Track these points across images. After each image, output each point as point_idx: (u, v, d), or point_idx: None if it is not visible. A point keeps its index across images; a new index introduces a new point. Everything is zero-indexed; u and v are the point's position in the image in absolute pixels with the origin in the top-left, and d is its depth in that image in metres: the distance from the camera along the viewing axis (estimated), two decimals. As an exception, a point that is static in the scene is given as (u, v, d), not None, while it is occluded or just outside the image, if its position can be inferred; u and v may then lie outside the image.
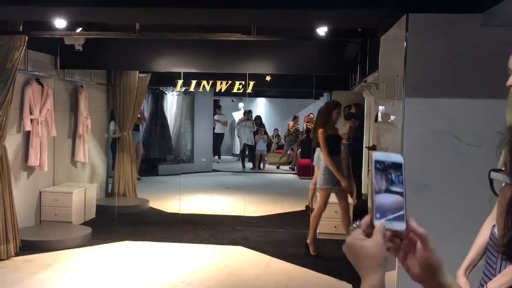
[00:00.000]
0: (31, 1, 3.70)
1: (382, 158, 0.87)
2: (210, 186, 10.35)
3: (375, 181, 0.87)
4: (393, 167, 0.87)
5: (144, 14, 4.06)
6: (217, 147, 13.62)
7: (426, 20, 3.07)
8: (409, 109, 3.10)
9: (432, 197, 3.06)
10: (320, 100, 13.32)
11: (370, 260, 0.84)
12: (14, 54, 5.29)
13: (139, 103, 8.67)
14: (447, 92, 3.05)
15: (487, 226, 1.83)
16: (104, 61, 7.23)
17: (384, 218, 0.86)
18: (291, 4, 3.47)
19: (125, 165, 8.39)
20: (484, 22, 2.96)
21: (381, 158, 0.87)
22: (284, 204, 8.58)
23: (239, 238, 6.42)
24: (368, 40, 5.31)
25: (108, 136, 8.81)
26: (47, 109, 6.33)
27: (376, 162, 0.87)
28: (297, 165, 12.30)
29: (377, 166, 0.87)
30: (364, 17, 3.79)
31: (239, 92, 7.84)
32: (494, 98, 2.94)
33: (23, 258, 5.36)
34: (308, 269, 5.24)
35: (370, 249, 0.84)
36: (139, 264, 5.35)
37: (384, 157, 0.88)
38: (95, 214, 7.31)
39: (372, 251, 0.84)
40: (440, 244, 3.03)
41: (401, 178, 0.88)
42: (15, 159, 5.92)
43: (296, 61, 6.81)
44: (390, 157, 0.88)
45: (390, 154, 0.89)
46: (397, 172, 0.88)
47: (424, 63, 3.09)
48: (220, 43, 6.33)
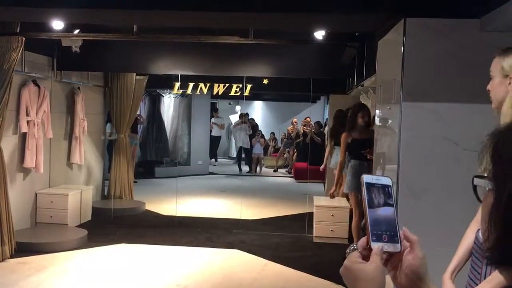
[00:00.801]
0: (29, 3, 3.69)
1: (373, 181, 0.92)
2: (207, 189, 10.34)
3: (367, 203, 0.90)
4: (383, 188, 0.92)
5: (141, 16, 4.06)
6: (214, 150, 13.62)
7: (423, 24, 3.08)
8: (406, 113, 3.10)
9: (429, 201, 3.06)
10: (317, 103, 13.35)
11: (370, 283, 0.85)
12: (11, 55, 5.28)
13: (136, 105, 8.65)
14: (444, 96, 3.06)
15: (471, 230, 1.84)
16: (101, 63, 7.22)
17: (381, 242, 0.88)
18: (289, 8, 3.47)
19: (122, 167, 8.37)
20: (481, 27, 2.97)
21: (371, 181, 0.92)
22: (280, 207, 8.57)
23: (236, 241, 6.40)
24: (366, 44, 5.32)
25: (104, 138, 8.79)
26: (44, 111, 6.31)
27: (366, 184, 0.91)
28: (293, 169, 12.30)
29: (368, 188, 0.91)
30: (362, 21, 3.80)
31: (237, 95, 7.83)
32: (491, 103, 2.95)
33: (18, 260, 5.33)
34: (305, 273, 5.23)
35: (369, 273, 0.85)
36: (135, 267, 5.33)
37: (375, 179, 0.92)
38: (91, 216, 7.28)
39: (372, 274, 0.85)
40: (436, 248, 3.04)
41: (391, 199, 0.92)
42: (11, 161, 5.90)
43: (293, 64, 6.81)
44: (380, 180, 0.93)
45: (380, 177, 0.93)
46: (387, 193, 0.92)
47: (422, 67, 3.10)
48: (217, 46, 6.33)
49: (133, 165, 9.16)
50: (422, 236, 3.02)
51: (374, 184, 0.92)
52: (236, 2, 3.53)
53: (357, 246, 0.90)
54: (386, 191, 0.92)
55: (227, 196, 9.30)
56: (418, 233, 2.69)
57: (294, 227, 7.04)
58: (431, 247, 3.07)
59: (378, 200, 0.91)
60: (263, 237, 6.65)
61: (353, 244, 0.91)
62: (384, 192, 0.92)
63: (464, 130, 3.03)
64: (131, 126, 8.74)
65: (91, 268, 5.26)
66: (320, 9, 3.49)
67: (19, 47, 5.32)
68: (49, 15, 4.27)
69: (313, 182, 9.88)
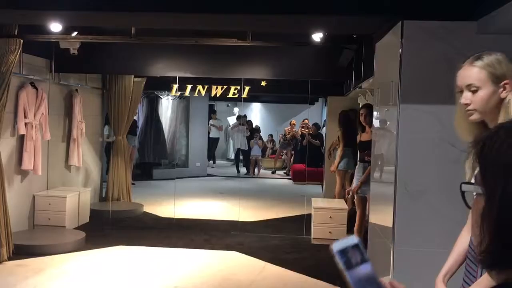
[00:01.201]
0: (27, 5, 3.69)
1: (342, 246, 0.95)
2: (205, 191, 10.34)
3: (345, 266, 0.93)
4: (354, 248, 0.95)
5: (139, 19, 4.06)
6: (212, 152, 13.62)
7: (421, 27, 3.09)
8: (404, 115, 3.11)
9: (427, 203, 3.07)
10: (315, 105, 13.36)
11: None
12: (9, 57, 5.28)
13: (134, 107, 8.65)
14: (442, 98, 3.06)
15: (464, 234, 1.83)
16: (99, 65, 7.22)
17: None
18: (287, 10, 3.48)
19: (120, 169, 8.36)
20: (478, 29, 2.98)
21: (340, 247, 0.95)
22: (278, 209, 8.57)
23: (234, 243, 6.40)
24: (364, 46, 5.33)
25: (102, 140, 8.78)
26: (42, 113, 6.30)
27: (338, 252, 0.94)
28: (291, 170, 12.31)
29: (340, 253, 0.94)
30: (359, 23, 3.81)
31: (235, 97, 7.84)
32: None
33: (15, 263, 5.32)
34: (303, 275, 5.24)
35: None
36: (133, 269, 5.33)
37: (343, 244, 0.95)
38: (89, 218, 7.27)
39: None
40: (435, 250, 3.04)
41: (365, 255, 0.95)
42: (9, 163, 5.89)
43: (291, 66, 6.83)
44: (348, 242, 0.95)
45: (345, 240, 0.96)
46: (359, 251, 0.95)
47: (419, 69, 3.10)
48: (215, 48, 6.34)
49: (131, 167, 9.16)
50: (419, 237, 3.04)
51: (346, 248, 0.94)
52: (234, 4, 3.53)
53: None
54: (358, 249, 0.94)
55: (225, 198, 9.30)
56: (416, 235, 2.71)
57: (292, 229, 7.05)
58: (429, 249, 3.08)
59: (355, 259, 0.94)
60: (261, 239, 6.65)
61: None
62: (357, 251, 0.94)
63: (462, 132, 3.03)
64: (129, 128, 8.74)
65: (89, 270, 5.25)
66: (318, 11, 3.49)
67: (17, 49, 5.32)
68: (47, 17, 4.27)
69: (311, 184, 9.89)
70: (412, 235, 3.08)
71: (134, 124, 9.54)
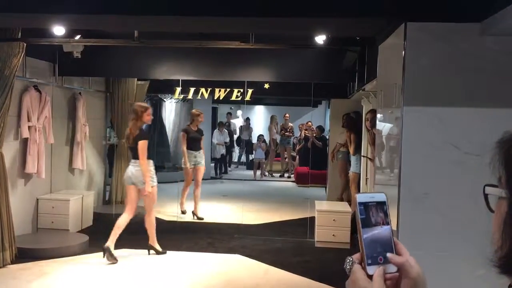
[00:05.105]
0: (30, 9, 3.69)
1: (366, 199, 0.88)
2: (208, 193, 10.32)
3: (363, 222, 0.87)
4: (380, 206, 0.89)
5: (142, 22, 4.06)
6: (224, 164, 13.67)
7: (424, 29, 3.07)
8: (407, 117, 3.10)
9: (431, 206, 3.05)
10: (318, 108, 13.34)
11: None
12: (12, 61, 5.29)
13: (138, 110, 8.64)
14: (446, 100, 3.05)
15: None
16: (103, 68, 7.24)
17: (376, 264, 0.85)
18: (290, 13, 3.47)
19: (123, 172, 8.34)
20: (482, 31, 2.96)
21: (365, 200, 0.88)
22: (282, 212, 8.55)
23: (237, 246, 6.39)
24: (367, 49, 5.32)
25: (106, 143, 8.79)
26: (45, 116, 6.32)
27: (359, 204, 0.87)
28: (295, 173, 12.28)
29: (361, 207, 0.87)
30: (362, 25, 3.80)
31: (238, 99, 7.84)
32: (492, 107, 2.94)
33: (19, 266, 5.32)
34: (307, 278, 5.21)
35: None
36: (136, 272, 5.32)
37: (369, 198, 0.89)
38: (93, 221, 7.27)
39: None
40: (439, 253, 3.02)
41: (387, 217, 0.88)
42: (12, 166, 5.90)
43: (294, 69, 6.82)
44: (374, 197, 0.89)
45: (374, 194, 0.90)
46: (383, 211, 0.88)
47: (423, 71, 3.09)
48: (218, 51, 6.34)
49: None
50: (423, 240, 3.02)
51: (369, 203, 0.88)
52: (237, 7, 3.53)
53: (353, 259, 0.88)
54: (383, 209, 0.88)
55: (229, 201, 9.28)
56: (419, 237, 2.69)
57: (296, 232, 7.03)
58: (432, 251, 3.06)
59: (375, 218, 0.87)
60: (265, 242, 6.63)
61: (348, 258, 0.88)
62: (381, 209, 0.88)
63: (465, 134, 3.02)
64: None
65: (92, 273, 5.25)
66: (321, 14, 3.49)
67: (20, 52, 5.34)
68: (50, 21, 4.28)
69: (315, 187, 9.86)
70: (416, 238, 3.06)
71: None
